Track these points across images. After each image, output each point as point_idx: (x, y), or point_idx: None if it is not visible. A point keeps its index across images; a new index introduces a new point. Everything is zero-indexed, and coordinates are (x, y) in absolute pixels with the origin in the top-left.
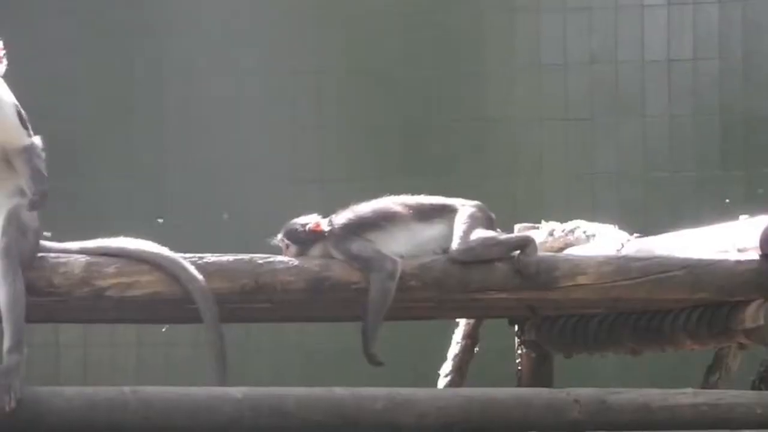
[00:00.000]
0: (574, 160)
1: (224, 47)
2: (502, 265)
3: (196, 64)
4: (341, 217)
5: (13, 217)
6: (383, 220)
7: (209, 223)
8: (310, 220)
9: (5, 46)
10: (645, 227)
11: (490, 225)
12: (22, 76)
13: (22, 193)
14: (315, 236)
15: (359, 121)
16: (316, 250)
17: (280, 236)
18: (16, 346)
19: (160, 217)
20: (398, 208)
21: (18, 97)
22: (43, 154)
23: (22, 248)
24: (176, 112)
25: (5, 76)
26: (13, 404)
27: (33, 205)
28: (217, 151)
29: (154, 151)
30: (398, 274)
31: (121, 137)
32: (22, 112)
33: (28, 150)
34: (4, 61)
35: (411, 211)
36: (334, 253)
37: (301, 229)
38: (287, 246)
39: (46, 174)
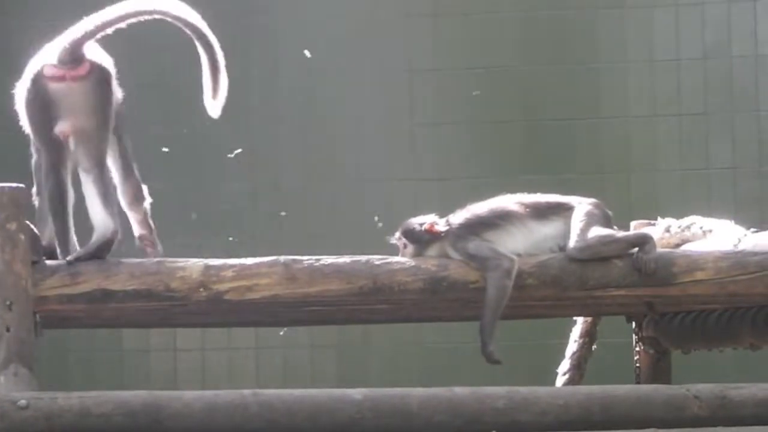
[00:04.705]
0: (689, 155)
1: (340, 47)
2: (620, 262)
3: (312, 64)
4: (458, 217)
5: None
6: (500, 219)
7: (326, 223)
8: (426, 220)
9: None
10: (761, 222)
11: (607, 222)
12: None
13: None
14: (432, 236)
15: (477, 118)
16: (433, 249)
17: (397, 235)
18: None
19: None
20: (514, 207)
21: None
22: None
23: None
24: (293, 112)
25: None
26: None
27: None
28: (335, 150)
29: (271, 151)
30: (515, 273)
31: (241, 137)
32: None
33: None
34: None
35: (527, 210)
36: (452, 252)
37: (419, 228)
38: (405, 245)
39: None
